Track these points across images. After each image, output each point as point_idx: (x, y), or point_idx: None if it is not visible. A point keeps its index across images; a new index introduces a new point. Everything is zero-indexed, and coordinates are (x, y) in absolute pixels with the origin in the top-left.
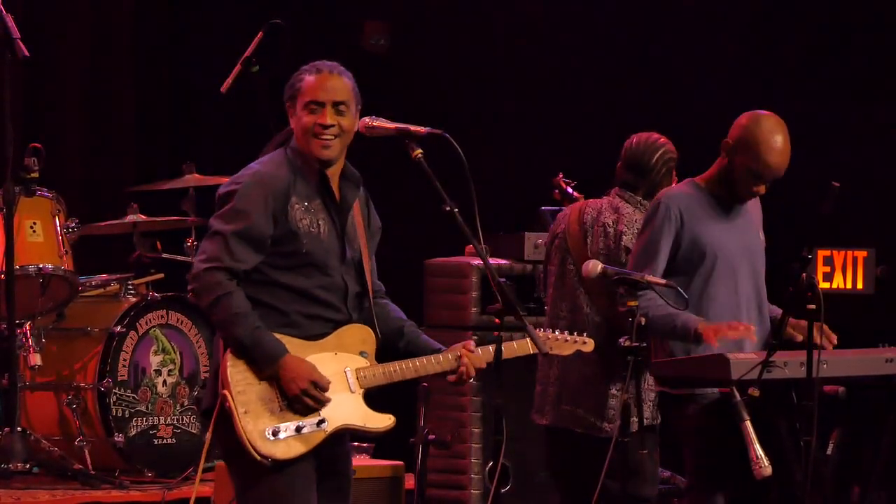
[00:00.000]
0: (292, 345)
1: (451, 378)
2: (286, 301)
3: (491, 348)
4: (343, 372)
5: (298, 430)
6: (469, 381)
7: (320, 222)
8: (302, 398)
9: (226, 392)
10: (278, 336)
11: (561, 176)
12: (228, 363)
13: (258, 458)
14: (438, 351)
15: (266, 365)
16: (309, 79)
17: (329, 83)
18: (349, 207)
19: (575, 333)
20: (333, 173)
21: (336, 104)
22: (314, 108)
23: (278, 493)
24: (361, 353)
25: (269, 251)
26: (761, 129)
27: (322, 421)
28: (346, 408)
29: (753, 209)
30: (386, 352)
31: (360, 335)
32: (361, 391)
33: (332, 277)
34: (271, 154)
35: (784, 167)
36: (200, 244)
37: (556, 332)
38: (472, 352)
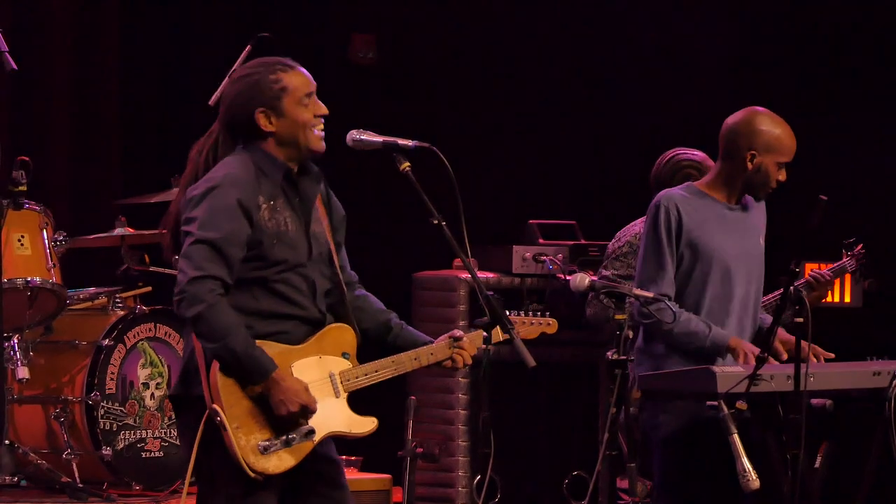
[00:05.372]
0: (275, 350)
1: (447, 364)
2: (260, 303)
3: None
4: (328, 377)
5: (288, 442)
6: (463, 368)
7: (287, 220)
8: (290, 419)
9: (216, 406)
10: (261, 343)
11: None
12: (218, 378)
13: (252, 474)
14: (424, 345)
15: (256, 380)
16: (288, 76)
17: (306, 74)
18: (312, 203)
19: (539, 314)
20: (296, 170)
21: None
22: (307, 101)
23: None
24: (343, 355)
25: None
26: (767, 122)
27: (311, 431)
28: (331, 414)
29: (757, 215)
30: (373, 346)
31: (340, 336)
32: (345, 395)
33: (301, 276)
34: (233, 157)
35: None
36: (182, 251)
37: (522, 315)
38: (462, 348)
